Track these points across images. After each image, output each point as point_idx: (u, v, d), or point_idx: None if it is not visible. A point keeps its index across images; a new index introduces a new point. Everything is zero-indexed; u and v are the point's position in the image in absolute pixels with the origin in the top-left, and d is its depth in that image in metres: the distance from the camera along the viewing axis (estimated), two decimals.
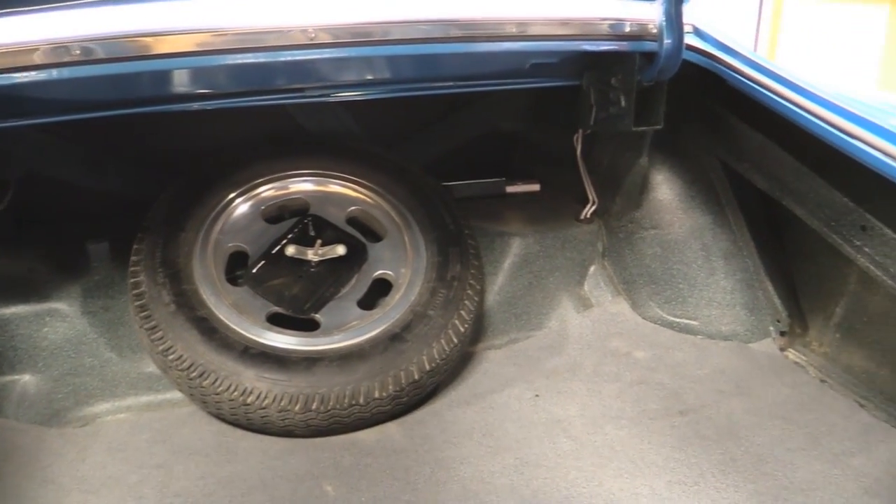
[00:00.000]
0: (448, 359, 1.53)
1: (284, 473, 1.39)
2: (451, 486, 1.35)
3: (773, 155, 1.66)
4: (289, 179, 1.74)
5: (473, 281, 1.64)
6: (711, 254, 1.84)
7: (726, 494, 1.32)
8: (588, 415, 1.54)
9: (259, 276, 1.62)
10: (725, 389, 1.62)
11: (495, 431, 1.50)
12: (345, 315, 1.60)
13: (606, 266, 1.95)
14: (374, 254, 1.69)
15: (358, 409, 1.44)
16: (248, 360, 1.43)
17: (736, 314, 1.81)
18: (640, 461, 1.40)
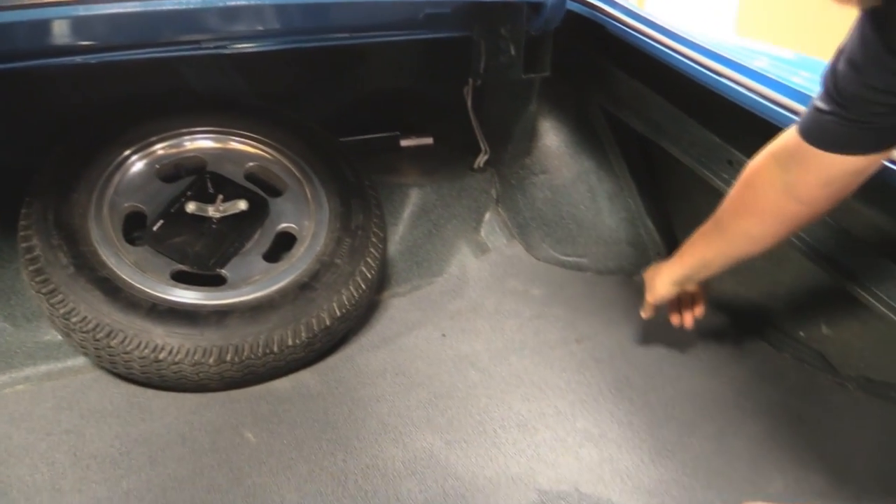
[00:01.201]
0: (357, 305, 1.58)
1: (202, 426, 1.40)
2: (370, 422, 1.41)
3: (650, 100, 1.78)
4: (184, 137, 1.71)
5: (377, 229, 1.68)
6: (597, 195, 1.97)
7: (622, 407, 1.45)
8: (493, 349, 1.64)
9: (160, 234, 1.59)
10: (615, 318, 1.76)
11: (407, 370, 1.56)
12: (251, 269, 1.60)
13: (500, 212, 2.04)
14: (276, 208, 1.70)
15: (273, 358, 1.46)
16: (157, 316, 1.42)
17: (621, 250, 1.95)
18: (544, 385, 1.51)
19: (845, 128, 1.00)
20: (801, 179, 1.12)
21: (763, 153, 1.20)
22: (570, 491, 1.25)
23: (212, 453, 1.34)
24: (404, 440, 1.36)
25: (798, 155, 1.09)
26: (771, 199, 1.18)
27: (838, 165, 1.05)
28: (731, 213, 1.29)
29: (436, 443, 1.36)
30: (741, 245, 1.30)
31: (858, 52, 0.91)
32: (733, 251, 1.33)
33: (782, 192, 1.15)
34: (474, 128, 2.03)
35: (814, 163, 1.07)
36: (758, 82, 1.36)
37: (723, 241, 1.33)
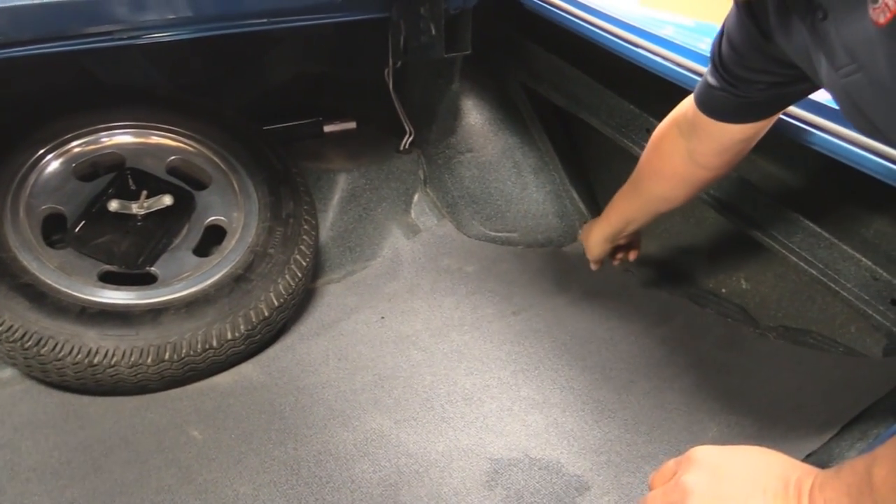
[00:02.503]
0: (294, 293, 1.57)
1: (145, 428, 1.37)
2: (317, 409, 1.41)
3: (567, 73, 1.83)
4: (100, 133, 1.65)
5: (308, 217, 1.67)
6: (522, 170, 2.01)
7: (563, 373, 1.50)
8: (433, 327, 1.66)
9: (82, 235, 1.54)
10: (548, 288, 1.81)
11: (349, 355, 1.57)
12: (182, 264, 1.57)
13: (429, 192, 2.05)
14: (203, 201, 1.67)
15: (213, 353, 1.44)
16: (88, 320, 1.38)
17: (549, 223, 2.00)
18: (486, 358, 1.55)
19: (734, 101, 1.08)
20: (700, 147, 1.22)
21: (667, 120, 1.30)
22: (521, 457, 1.29)
23: (158, 454, 1.31)
24: (353, 423, 1.37)
25: (696, 124, 1.19)
26: (676, 164, 1.29)
27: (730, 134, 1.16)
28: (643, 175, 1.40)
29: (385, 423, 1.37)
30: (656, 203, 1.43)
31: (737, 35, 0.99)
32: (650, 208, 1.45)
33: (686, 157, 1.26)
34: (397, 109, 2.03)
35: (710, 131, 1.17)
36: (668, 49, 1.42)
37: (640, 200, 1.45)
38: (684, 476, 0.73)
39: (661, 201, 1.41)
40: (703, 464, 0.73)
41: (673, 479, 0.75)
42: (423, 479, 1.25)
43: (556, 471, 1.26)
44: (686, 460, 0.75)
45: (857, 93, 0.72)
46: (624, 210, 1.51)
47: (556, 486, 1.23)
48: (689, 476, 0.72)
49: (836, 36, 0.69)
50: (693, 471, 0.73)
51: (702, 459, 0.74)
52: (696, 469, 0.73)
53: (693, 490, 0.71)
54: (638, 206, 1.47)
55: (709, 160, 1.24)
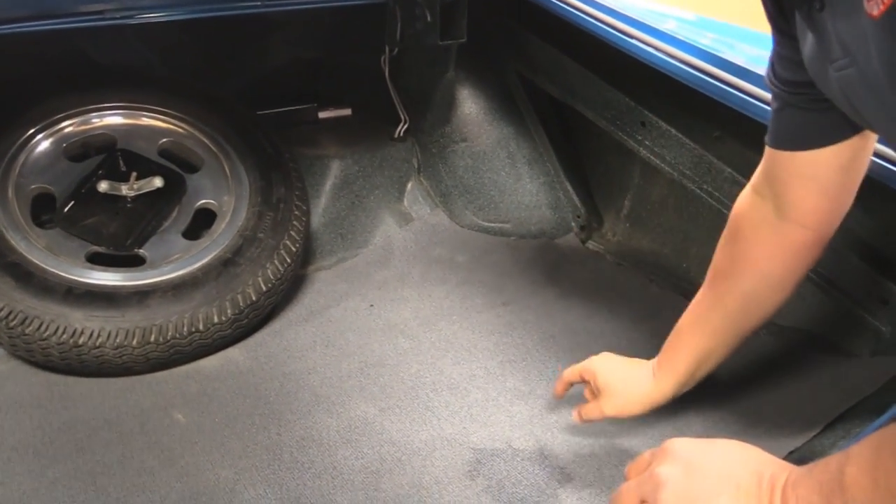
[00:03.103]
0: (283, 279, 1.56)
1: (129, 409, 1.37)
2: (302, 394, 1.41)
3: (564, 64, 1.82)
4: (91, 113, 1.64)
5: (299, 202, 1.66)
6: (517, 161, 2.00)
7: (550, 364, 1.50)
8: (421, 316, 1.65)
9: (71, 215, 1.53)
10: (538, 280, 1.80)
11: (337, 342, 1.56)
12: (170, 247, 1.57)
13: (423, 181, 2.05)
14: (193, 184, 1.66)
15: (199, 337, 1.44)
16: (74, 300, 1.38)
17: (542, 214, 1.99)
18: (474, 348, 1.54)
19: (807, 120, 0.90)
20: (790, 197, 0.97)
21: (742, 196, 1.07)
22: (504, 447, 1.29)
23: (140, 436, 1.31)
24: (338, 410, 1.37)
25: (777, 173, 0.97)
26: (766, 238, 1.01)
27: (822, 165, 0.92)
28: (721, 280, 1.09)
29: (370, 410, 1.37)
30: (748, 314, 1.09)
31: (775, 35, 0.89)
32: (739, 325, 1.10)
33: (775, 221, 1.00)
34: (393, 97, 2.02)
35: (797, 172, 0.94)
36: (668, 44, 1.41)
37: (721, 318, 1.10)
38: (658, 468, 0.73)
39: (755, 305, 1.07)
40: (678, 456, 0.72)
41: (647, 471, 0.74)
42: (406, 467, 1.24)
43: (539, 462, 1.25)
44: (661, 452, 0.75)
45: (848, 88, 0.70)
46: (696, 346, 1.13)
47: (538, 476, 1.23)
48: (663, 468, 0.72)
49: (832, 28, 0.67)
50: (667, 463, 0.72)
51: (677, 451, 0.73)
52: (671, 461, 0.72)
53: (666, 482, 0.71)
54: (719, 328, 1.10)
55: (806, 212, 0.97)
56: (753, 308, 1.08)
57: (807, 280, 1.47)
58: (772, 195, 1.00)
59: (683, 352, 1.15)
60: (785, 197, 0.98)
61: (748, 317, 1.10)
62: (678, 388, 1.17)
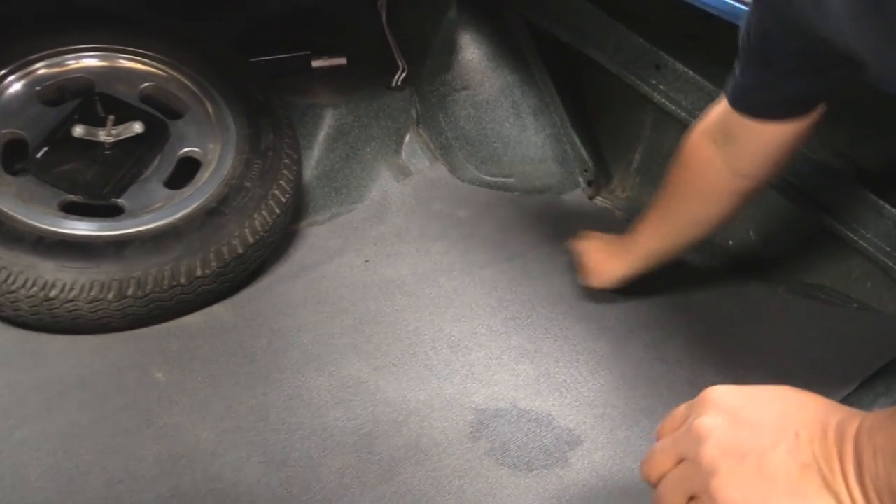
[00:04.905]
0: (272, 230, 1.46)
1: (105, 368, 1.27)
2: (291, 352, 1.31)
3: (572, 4, 1.70)
4: (67, 55, 1.52)
5: (289, 150, 1.55)
6: (521, 111, 1.88)
7: (557, 322, 1.40)
8: (420, 272, 1.55)
9: (44, 162, 1.42)
10: (545, 235, 1.70)
11: (330, 298, 1.47)
12: (151, 197, 1.46)
13: (422, 133, 1.93)
14: (177, 131, 1.55)
15: (180, 291, 1.34)
16: (45, 250, 1.27)
17: (548, 168, 1.88)
18: (476, 305, 1.44)
19: (771, 94, 0.98)
20: (740, 153, 1.07)
21: (696, 132, 1.16)
22: (508, 408, 1.20)
23: (116, 396, 1.21)
24: (329, 369, 1.27)
25: (732, 129, 1.06)
26: (712, 178, 1.14)
27: (773, 135, 1.03)
28: (675, 195, 1.23)
29: (363, 369, 1.27)
30: (691, 228, 1.25)
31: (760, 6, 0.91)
32: (684, 234, 1.27)
33: (723, 169, 1.11)
34: (390, 43, 1.90)
35: (750, 134, 1.04)
36: None
37: (671, 224, 1.27)
38: (698, 420, 0.58)
39: (696, 226, 1.24)
40: (721, 405, 0.58)
41: (685, 425, 0.60)
42: (402, 428, 1.15)
43: (546, 423, 1.16)
44: (700, 402, 0.60)
45: None
46: (654, 239, 1.32)
47: (546, 439, 1.13)
48: (704, 419, 0.58)
49: None
50: (709, 413, 0.58)
51: (719, 400, 0.59)
52: (713, 411, 0.58)
53: (709, 435, 0.57)
54: (670, 231, 1.28)
55: (751, 169, 1.10)
56: (695, 228, 1.24)
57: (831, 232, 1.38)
58: (723, 144, 1.09)
59: (642, 244, 1.33)
60: (736, 152, 1.08)
61: (692, 231, 1.26)
62: (637, 270, 1.37)
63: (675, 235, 1.28)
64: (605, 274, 1.41)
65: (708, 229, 1.24)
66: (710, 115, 1.12)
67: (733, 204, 1.17)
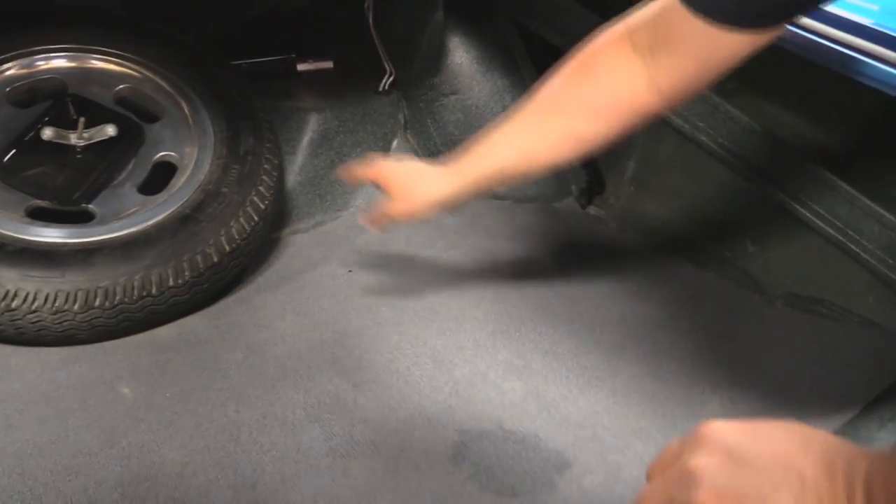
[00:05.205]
0: (250, 239, 1.40)
1: (70, 383, 1.21)
2: (267, 367, 1.25)
3: (563, 7, 1.65)
4: (37, 56, 1.46)
5: (270, 155, 1.49)
6: None
7: (546, 336, 1.34)
8: (405, 282, 1.49)
9: (10, 165, 1.36)
10: (535, 246, 1.64)
11: (310, 310, 1.40)
12: (124, 202, 1.39)
13: (409, 138, 1.88)
14: (153, 135, 1.49)
15: (151, 301, 1.27)
16: (6, 258, 1.21)
17: None
18: (461, 317, 1.38)
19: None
20: (668, 64, 0.89)
21: (610, 35, 0.97)
22: (494, 429, 1.13)
23: (80, 413, 1.15)
24: (306, 385, 1.21)
25: (669, 34, 0.87)
26: (622, 92, 0.93)
27: (718, 46, 0.85)
28: (556, 108, 0.99)
29: (342, 385, 1.21)
30: (557, 151, 1.01)
31: None
32: (544, 158, 1.03)
33: (642, 82, 0.91)
34: (377, 46, 1.85)
35: (689, 43, 0.86)
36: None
37: (534, 143, 1.02)
38: (692, 459, 0.52)
39: (568, 147, 1.01)
40: (717, 442, 0.52)
41: (676, 465, 0.54)
42: (380, 450, 1.08)
43: (534, 445, 1.10)
44: (694, 439, 0.54)
45: None
46: (504, 155, 1.06)
47: (533, 462, 1.07)
48: (698, 458, 0.52)
49: None
50: (703, 452, 0.52)
51: (714, 437, 0.53)
52: (707, 449, 0.52)
53: (702, 476, 0.51)
54: (530, 148, 1.03)
55: (678, 84, 0.91)
56: (576, 144, 1.01)
57: (832, 243, 1.33)
58: (651, 53, 0.91)
59: (485, 163, 1.10)
60: (667, 63, 0.90)
61: (564, 151, 1.02)
62: (470, 187, 1.13)
63: (535, 154, 1.03)
64: (418, 198, 1.15)
65: (579, 152, 1.01)
66: (636, 18, 0.94)
67: (630, 126, 0.96)
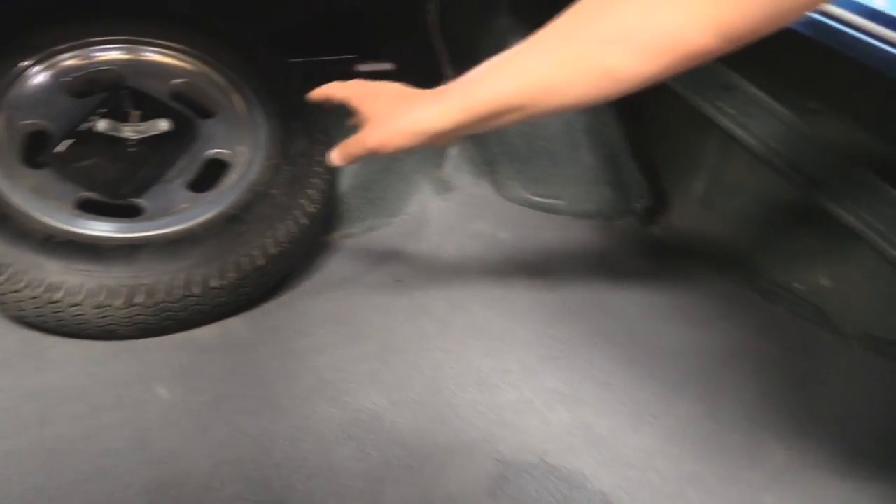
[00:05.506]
0: (297, 242, 1.36)
1: (108, 379, 1.19)
2: (305, 377, 1.21)
3: None
4: (96, 46, 1.46)
5: (322, 157, 1.45)
6: (575, 129, 1.75)
7: (599, 365, 1.26)
8: (453, 297, 1.43)
9: (64, 156, 1.35)
10: (591, 266, 1.57)
11: (353, 319, 1.36)
12: (173, 199, 1.37)
13: (467, 146, 1.82)
14: (206, 131, 1.46)
15: (193, 301, 1.25)
16: (52, 250, 1.19)
17: (600, 192, 1.75)
18: (509, 338, 1.32)
19: None
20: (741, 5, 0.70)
21: None
22: (536, 461, 1.07)
23: (114, 411, 1.13)
24: (344, 399, 1.17)
25: None
26: (670, 22, 0.74)
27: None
28: (586, 33, 0.78)
29: (380, 402, 1.16)
30: (589, 86, 0.80)
31: None
32: (572, 94, 0.81)
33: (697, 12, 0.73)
34: (438, 49, 1.80)
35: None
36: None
37: (558, 74, 0.80)
38: None
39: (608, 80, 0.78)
40: None
41: None
42: (415, 475, 1.03)
43: (578, 484, 1.03)
44: None
45: None
46: (513, 85, 0.84)
47: (576, 503, 1.00)
48: None
49: None
50: None
51: None
52: None
53: None
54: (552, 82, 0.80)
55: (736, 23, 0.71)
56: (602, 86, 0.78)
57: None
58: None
59: (486, 96, 0.86)
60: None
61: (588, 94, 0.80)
62: (464, 120, 0.88)
63: (552, 87, 0.81)
64: (398, 126, 0.94)
65: (607, 93, 0.79)
66: None
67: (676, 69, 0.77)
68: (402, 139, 0.94)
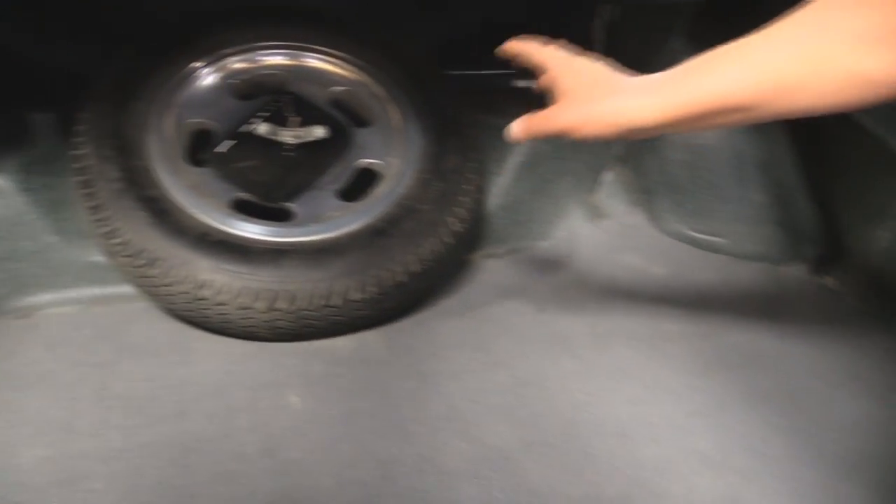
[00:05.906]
0: (440, 260, 1.32)
1: (244, 380, 1.20)
2: (436, 403, 1.17)
3: None
4: (263, 50, 1.49)
5: (473, 175, 1.41)
6: (744, 163, 1.62)
7: (754, 429, 1.14)
8: (597, 333, 1.35)
9: (224, 156, 1.39)
10: (753, 314, 1.43)
11: (490, 346, 1.30)
12: (322, 206, 1.37)
13: (624, 173, 1.73)
14: (360, 140, 1.46)
15: (332, 312, 1.24)
16: (205, 248, 1.22)
17: (767, 233, 1.60)
18: (655, 386, 1.22)
19: None
20: None
21: None
22: None
23: (248, 414, 1.13)
24: (472, 432, 1.11)
25: None
26: None
27: None
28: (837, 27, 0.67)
29: (511, 441, 1.10)
30: (839, 90, 0.67)
31: None
32: (818, 98, 0.68)
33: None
34: None
35: None
36: None
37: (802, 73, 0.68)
38: None
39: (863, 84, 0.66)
40: None
41: None
42: None
43: None
44: None
45: None
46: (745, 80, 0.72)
47: None
48: None
49: None
50: None
51: None
52: None
53: None
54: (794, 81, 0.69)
55: None
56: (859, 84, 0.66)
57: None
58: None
59: (721, 72, 0.75)
60: None
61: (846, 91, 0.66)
62: (681, 117, 0.77)
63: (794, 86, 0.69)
64: (600, 114, 0.84)
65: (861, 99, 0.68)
66: None
67: None
68: (599, 128, 0.85)
